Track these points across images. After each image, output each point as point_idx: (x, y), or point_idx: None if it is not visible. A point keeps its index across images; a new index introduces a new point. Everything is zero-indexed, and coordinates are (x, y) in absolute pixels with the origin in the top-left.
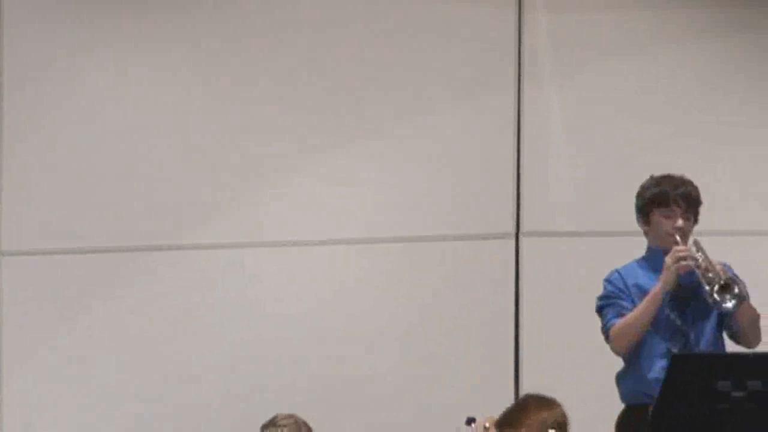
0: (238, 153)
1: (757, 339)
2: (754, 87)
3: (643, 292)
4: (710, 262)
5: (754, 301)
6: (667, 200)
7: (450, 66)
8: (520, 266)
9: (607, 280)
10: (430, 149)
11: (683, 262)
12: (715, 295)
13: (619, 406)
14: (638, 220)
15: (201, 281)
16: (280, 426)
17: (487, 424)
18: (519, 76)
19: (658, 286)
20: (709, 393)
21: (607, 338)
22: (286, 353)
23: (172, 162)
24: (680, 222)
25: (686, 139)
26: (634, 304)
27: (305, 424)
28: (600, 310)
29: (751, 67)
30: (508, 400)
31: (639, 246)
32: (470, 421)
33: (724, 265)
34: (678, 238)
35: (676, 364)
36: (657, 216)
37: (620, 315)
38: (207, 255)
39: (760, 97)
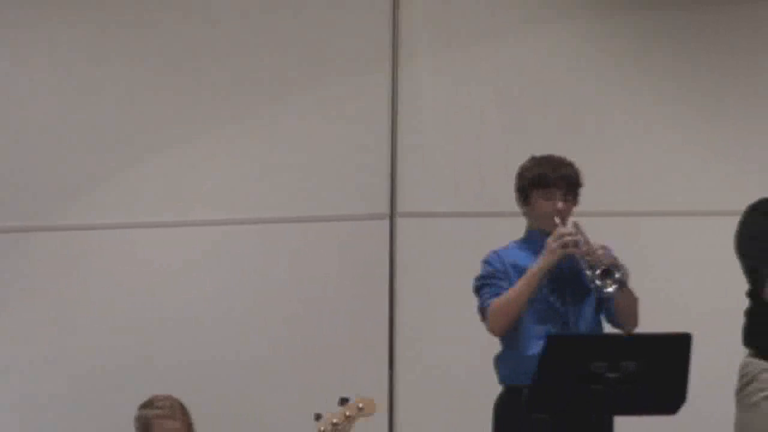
0: (107, 132)
1: (634, 323)
2: (635, 66)
3: (523, 273)
4: (590, 246)
5: (635, 283)
6: (547, 182)
7: (324, 43)
8: (395, 247)
9: (485, 261)
10: (303, 128)
11: (566, 249)
12: (597, 281)
13: (498, 388)
14: (518, 201)
15: (70, 262)
16: (157, 407)
17: (361, 405)
18: (394, 54)
19: (536, 266)
20: (584, 374)
21: (483, 318)
22: (163, 336)
23: (41, 141)
24: (560, 204)
25: (566, 119)
26: (512, 285)
27: (181, 405)
28: (477, 290)
29: (633, 47)
30: (382, 383)
31: (518, 227)
32: (343, 401)
33: (605, 247)
34: (558, 220)
35: (550, 344)
36: (536, 197)
37: (497, 295)
38: (76, 236)
39: (643, 76)
